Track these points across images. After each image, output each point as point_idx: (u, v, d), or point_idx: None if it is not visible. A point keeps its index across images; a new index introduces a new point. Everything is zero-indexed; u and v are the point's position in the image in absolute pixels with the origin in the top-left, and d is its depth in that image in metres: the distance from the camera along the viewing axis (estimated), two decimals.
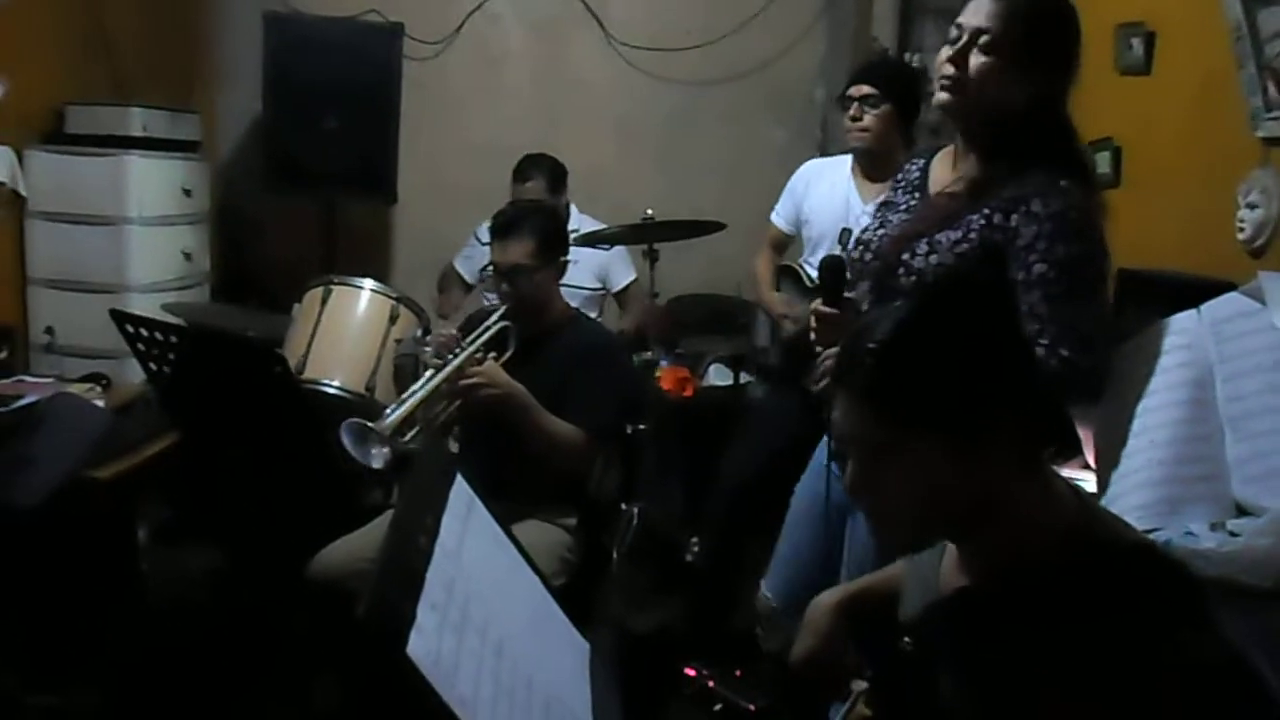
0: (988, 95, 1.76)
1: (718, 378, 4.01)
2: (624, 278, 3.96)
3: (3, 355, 3.27)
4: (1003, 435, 1.10)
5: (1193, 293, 2.08)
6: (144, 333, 2.66)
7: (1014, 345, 1.15)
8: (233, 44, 4.62)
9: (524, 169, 3.80)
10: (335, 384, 2.94)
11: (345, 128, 4.12)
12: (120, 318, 2.68)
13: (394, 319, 3.05)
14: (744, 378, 3.77)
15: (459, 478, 1.44)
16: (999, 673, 1.12)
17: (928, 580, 1.29)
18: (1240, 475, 1.86)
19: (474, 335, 2.60)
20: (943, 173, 1.91)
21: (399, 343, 2.97)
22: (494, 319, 2.64)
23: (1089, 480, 2.05)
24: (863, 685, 1.49)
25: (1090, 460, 2.07)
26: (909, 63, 4.05)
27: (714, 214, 3.58)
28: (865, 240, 1.94)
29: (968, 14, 1.79)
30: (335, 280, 3.12)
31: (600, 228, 3.67)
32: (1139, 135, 2.87)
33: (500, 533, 1.50)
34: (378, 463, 2.38)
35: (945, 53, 1.80)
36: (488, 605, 1.30)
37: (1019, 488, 1.13)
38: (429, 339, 2.75)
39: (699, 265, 4.39)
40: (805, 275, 3.09)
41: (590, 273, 3.80)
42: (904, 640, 1.31)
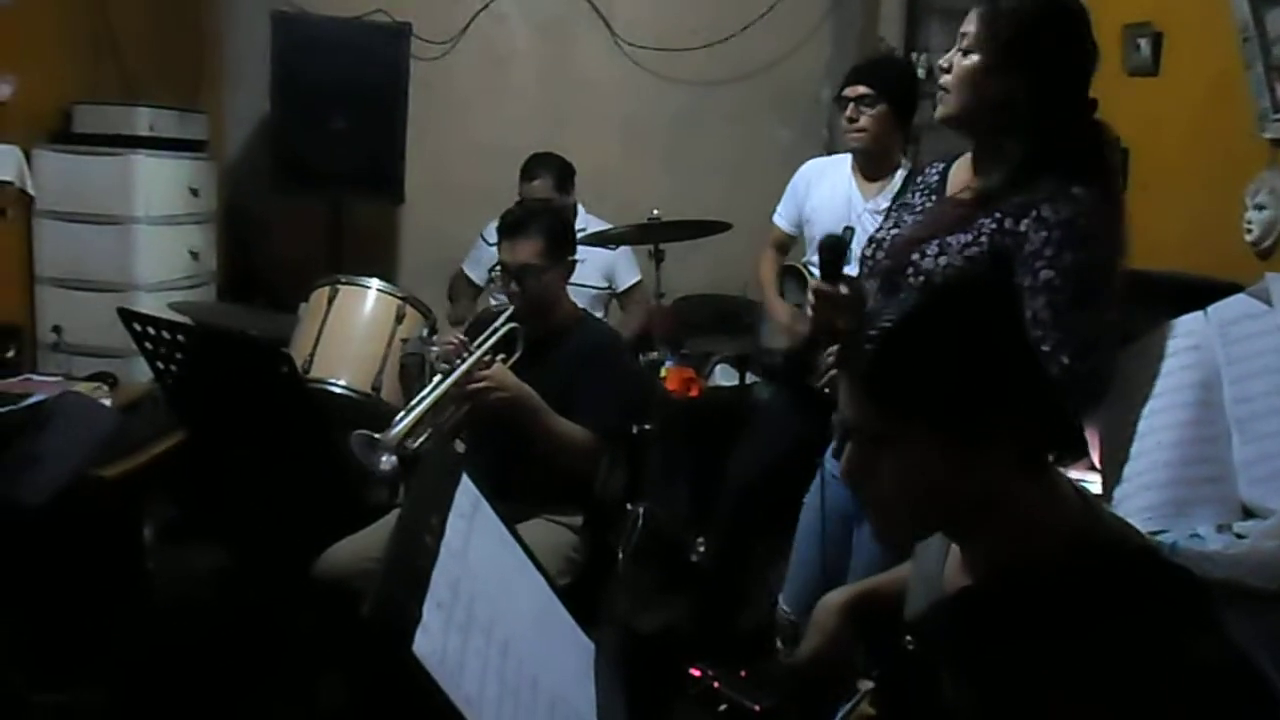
0: (972, 97, 1.76)
1: (723, 378, 4.01)
2: (628, 278, 3.95)
3: (10, 354, 3.27)
4: (1001, 436, 1.10)
5: (1200, 294, 2.08)
6: (151, 332, 2.67)
7: (1016, 349, 1.15)
8: (240, 44, 4.64)
9: (531, 168, 3.80)
10: (341, 383, 2.95)
11: (352, 128, 4.13)
12: (128, 317, 2.69)
13: (400, 319, 3.06)
14: (750, 378, 3.77)
15: (465, 477, 1.45)
16: (1001, 673, 1.12)
17: (932, 580, 1.29)
18: (1247, 477, 1.86)
19: (481, 338, 2.60)
20: (961, 177, 1.91)
21: (405, 342, 2.97)
22: (501, 320, 2.64)
23: (1095, 482, 2.05)
24: (869, 685, 1.49)
25: (1096, 462, 2.07)
26: (904, 59, 4.03)
27: (720, 214, 3.57)
28: (878, 240, 1.94)
29: (965, 22, 1.80)
30: (342, 280, 3.12)
31: (606, 228, 3.67)
32: (1146, 136, 2.86)
33: (506, 532, 1.50)
34: (385, 468, 2.39)
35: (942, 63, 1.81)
36: (493, 604, 1.30)
37: (1020, 488, 1.13)
38: (435, 339, 2.75)
39: (705, 265, 4.39)
40: (809, 275, 3.08)
41: (597, 271, 3.80)
42: (907, 640, 1.32)
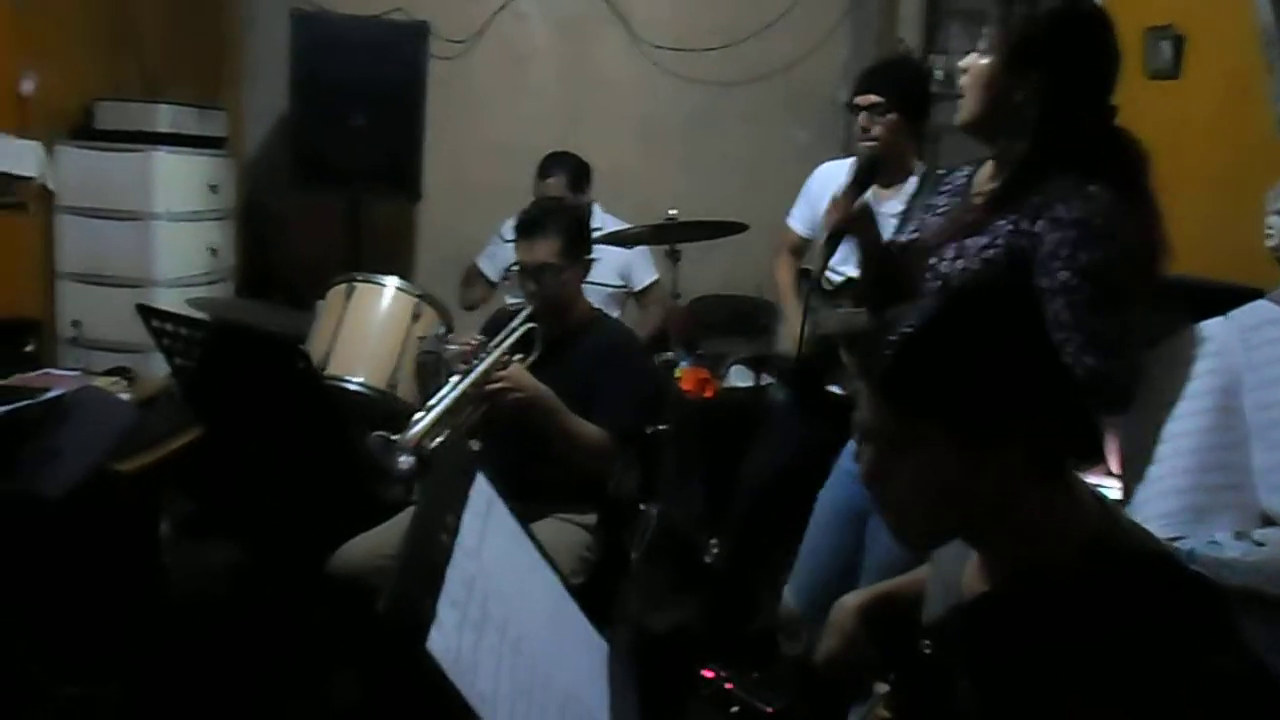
0: (986, 98, 1.76)
1: (738, 379, 4.00)
2: (645, 278, 3.95)
3: (29, 348, 3.29)
4: (1019, 439, 1.10)
5: (1219, 299, 2.06)
6: (169, 327, 2.68)
7: (1033, 352, 1.15)
8: (260, 42, 4.66)
9: (547, 166, 3.81)
10: (358, 381, 2.95)
11: (371, 125, 4.14)
12: (146, 312, 2.70)
13: (417, 317, 3.06)
14: (765, 379, 3.76)
15: (480, 476, 1.45)
16: (1018, 679, 1.12)
17: (950, 584, 1.29)
18: (1267, 484, 1.84)
19: (499, 338, 2.60)
20: (984, 181, 1.90)
21: (421, 340, 2.97)
22: (519, 320, 2.64)
23: (1114, 487, 2.03)
24: (885, 688, 1.49)
25: (1114, 467, 2.06)
26: (915, 61, 3.99)
27: (736, 215, 3.56)
28: (901, 242, 1.94)
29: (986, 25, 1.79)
30: (359, 277, 3.12)
31: (623, 227, 3.67)
32: (1167, 139, 2.84)
33: (520, 531, 1.51)
34: (404, 468, 2.39)
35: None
36: (507, 603, 1.30)
37: (1037, 493, 1.13)
38: (451, 339, 2.75)
39: (721, 266, 4.38)
40: (825, 279, 3.06)
41: (614, 269, 3.79)
42: (924, 643, 1.31)
